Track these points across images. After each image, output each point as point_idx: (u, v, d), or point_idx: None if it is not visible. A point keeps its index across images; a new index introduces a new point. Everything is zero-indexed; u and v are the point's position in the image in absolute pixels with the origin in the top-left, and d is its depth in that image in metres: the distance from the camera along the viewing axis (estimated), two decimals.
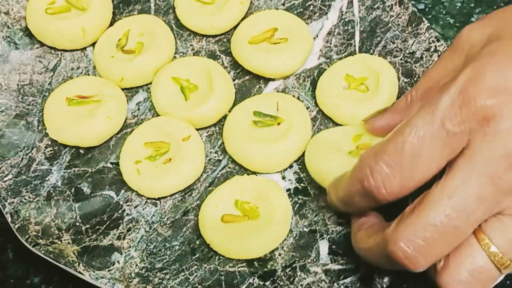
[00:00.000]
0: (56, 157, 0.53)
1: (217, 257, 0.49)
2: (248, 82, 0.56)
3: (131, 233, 0.50)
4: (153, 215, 0.51)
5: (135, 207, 0.51)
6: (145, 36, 0.57)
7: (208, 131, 0.55)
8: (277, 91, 0.56)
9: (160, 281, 0.48)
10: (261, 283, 0.47)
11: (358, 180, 0.40)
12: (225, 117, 0.54)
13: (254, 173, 0.52)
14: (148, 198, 0.51)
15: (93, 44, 0.58)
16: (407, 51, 0.55)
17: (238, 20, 0.58)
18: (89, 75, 0.57)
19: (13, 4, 0.59)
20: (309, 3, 0.59)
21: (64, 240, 0.49)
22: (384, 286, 0.46)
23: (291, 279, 0.47)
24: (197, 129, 0.54)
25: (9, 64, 0.57)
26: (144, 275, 0.48)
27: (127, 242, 0.49)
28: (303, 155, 0.52)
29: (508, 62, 0.37)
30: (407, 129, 0.38)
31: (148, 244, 0.49)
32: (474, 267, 0.38)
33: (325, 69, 0.56)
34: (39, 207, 0.51)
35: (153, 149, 0.52)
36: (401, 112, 0.46)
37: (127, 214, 0.51)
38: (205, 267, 0.48)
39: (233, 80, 0.56)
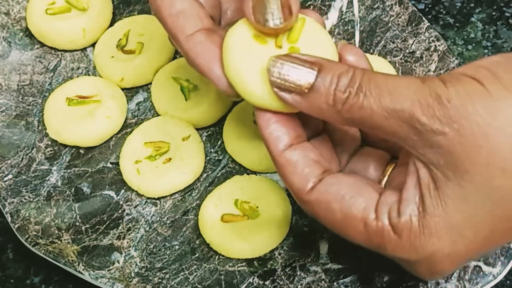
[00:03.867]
0: (56, 157, 0.53)
1: (217, 257, 0.49)
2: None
3: (131, 232, 0.50)
4: (153, 215, 0.51)
5: (135, 207, 0.51)
6: (145, 36, 0.57)
7: (208, 131, 0.55)
8: None
9: (160, 280, 0.47)
10: (261, 282, 0.47)
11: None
12: (225, 117, 0.54)
13: (254, 172, 0.52)
14: (148, 198, 0.51)
15: (93, 44, 0.59)
16: (407, 51, 0.55)
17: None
18: (89, 75, 0.57)
19: (13, 5, 0.60)
20: (309, 3, 0.59)
21: (64, 240, 0.49)
22: (384, 285, 0.46)
23: (291, 279, 0.47)
24: (197, 129, 0.54)
25: (9, 64, 0.57)
26: (144, 274, 0.48)
27: (127, 242, 0.49)
28: None
29: None
30: None
31: (148, 243, 0.49)
32: None
33: None
34: (39, 207, 0.51)
35: (153, 149, 0.52)
36: None
37: (127, 214, 0.51)
38: (205, 267, 0.48)
39: None
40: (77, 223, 0.50)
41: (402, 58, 0.55)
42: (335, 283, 0.47)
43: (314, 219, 0.50)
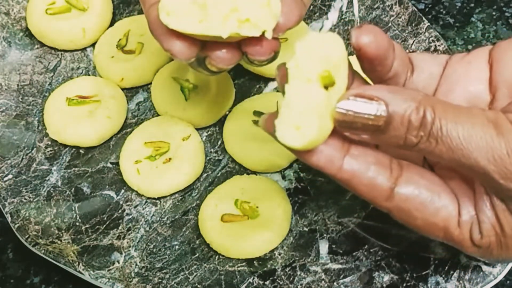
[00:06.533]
0: (56, 157, 0.53)
1: (217, 257, 0.49)
2: (248, 82, 0.57)
3: (131, 232, 0.50)
4: (153, 214, 0.51)
5: (135, 206, 0.51)
6: (145, 36, 0.57)
7: (208, 131, 0.55)
8: (277, 91, 0.55)
9: (160, 280, 0.47)
10: (261, 282, 0.47)
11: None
12: (225, 117, 0.54)
13: (254, 172, 0.52)
14: (148, 198, 0.51)
15: (93, 44, 0.59)
16: (407, 51, 0.55)
17: None
18: (89, 75, 0.57)
19: (13, 5, 0.60)
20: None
21: (64, 239, 0.49)
22: (384, 285, 0.46)
23: (291, 279, 0.47)
24: (197, 129, 0.54)
25: (9, 64, 0.57)
26: (144, 274, 0.48)
27: (127, 242, 0.49)
28: None
29: None
30: None
31: (148, 243, 0.49)
32: None
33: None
34: (39, 207, 0.51)
35: (153, 149, 0.52)
36: None
37: (127, 214, 0.51)
38: (205, 267, 0.48)
39: (233, 80, 0.56)
40: (77, 223, 0.50)
41: None
42: (335, 283, 0.47)
43: (314, 219, 0.50)
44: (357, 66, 0.39)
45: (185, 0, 0.38)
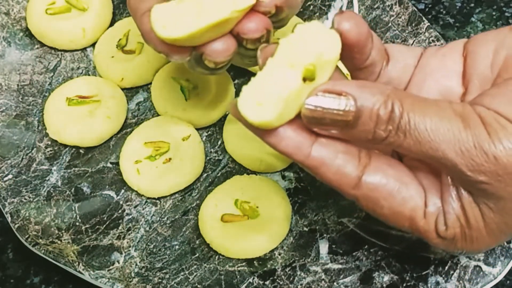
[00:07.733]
0: (56, 157, 0.53)
1: (217, 257, 0.49)
2: (248, 82, 0.56)
3: (131, 232, 0.50)
4: (153, 214, 0.51)
5: (135, 207, 0.51)
6: None
7: (208, 131, 0.55)
8: None
9: (160, 280, 0.48)
10: (261, 282, 0.47)
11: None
12: (225, 117, 0.54)
13: (254, 172, 0.52)
14: (148, 198, 0.51)
15: (93, 44, 0.59)
16: None
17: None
18: (89, 75, 0.57)
19: (13, 5, 0.60)
20: (309, 3, 0.59)
21: (64, 239, 0.49)
22: (384, 285, 0.46)
23: (291, 279, 0.47)
24: (197, 129, 0.54)
25: (9, 64, 0.57)
26: (144, 274, 0.48)
27: (127, 242, 0.49)
28: None
29: None
30: None
31: (148, 243, 0.49)
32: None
33: None
34: (39, 207, 0.51)
35: (153, 149, 0.52)
36: None
37: (127, 214, 0.51)
38: (205, 267, 0.48)
39: (233, 80, 0.56)
40: (77, 223, 0.50)
41: None
42: (335, 283, 0.47)
43: (314, 219, 0.50)
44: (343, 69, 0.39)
45: (173, 5, 0.38)
